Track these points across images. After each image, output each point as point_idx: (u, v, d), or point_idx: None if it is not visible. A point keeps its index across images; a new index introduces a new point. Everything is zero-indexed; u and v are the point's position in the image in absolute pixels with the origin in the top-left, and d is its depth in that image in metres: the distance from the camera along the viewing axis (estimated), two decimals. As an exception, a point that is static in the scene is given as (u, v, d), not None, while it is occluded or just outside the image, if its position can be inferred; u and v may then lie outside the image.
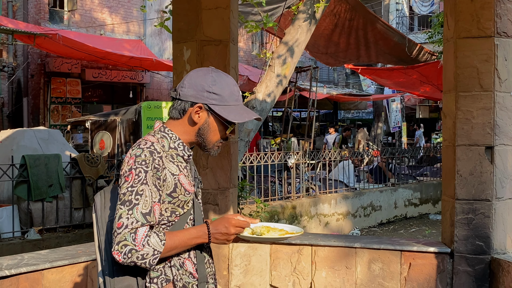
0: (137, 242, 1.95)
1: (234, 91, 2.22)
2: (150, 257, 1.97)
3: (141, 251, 1.95)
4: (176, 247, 2.07)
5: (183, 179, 2.15)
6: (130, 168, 2.05)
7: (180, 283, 2.15)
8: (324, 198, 10.26)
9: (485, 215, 4.12)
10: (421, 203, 12.78)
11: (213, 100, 2.16)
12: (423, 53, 12.74)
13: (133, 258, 1.95)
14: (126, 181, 2.03)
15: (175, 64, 4.70)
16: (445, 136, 4.41)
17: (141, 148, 2.08)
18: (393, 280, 4.33)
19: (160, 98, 19.94)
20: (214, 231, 2.13)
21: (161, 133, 2.20)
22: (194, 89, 2.17)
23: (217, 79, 2.19)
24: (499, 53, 4.10)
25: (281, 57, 7.19)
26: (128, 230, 1.96)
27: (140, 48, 18.07)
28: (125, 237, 1.95)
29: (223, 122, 2.20)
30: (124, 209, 1.99)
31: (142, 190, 2.01)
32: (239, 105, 2.23)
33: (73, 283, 3.73)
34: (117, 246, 1.96)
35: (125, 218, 1.97)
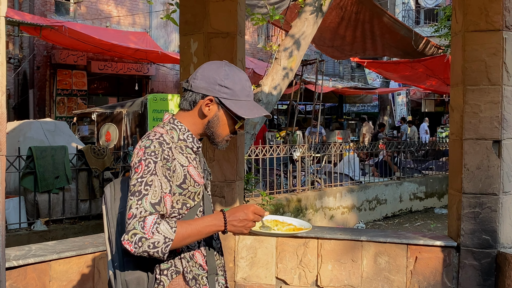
0: (146, 230, 1.93)
1: (246, 86, 2.22)
2: (162, 245, 1.94)
3: (151, 239, 1.93)
4: (189, 235, 2.03)
5: (192, 170, 2.15)
6: (139, 159, 2.05)
7: (190, 275, 2.15)
8: (330, 191, 10.26)
9: (492, 209, 4.12)
10: (426, 197, 12.76)
11: (225, 94, 2.16)
12: (429, 47, 12.70)
13: (144, 247, 1.93)
14: (136, 172, 2.03)
15: (182, 57, 4.69)
16: (453, 130, 4.40)
17: (150, 140, 2.08)
18: (399, 274, 4.33)
19: (166, 91, 19.94)
20: (231, 218, 2.11)
21: (171, 125, 2.20)
22: (206, 82, 2.17)
23: (230, 73, 2.18)
24: (508, 47, 4.08)
25: (288, 50, 7.18)
26: (137, 219, 1.95)
27: (146, 41, 18.05)
28: (134, 226, 1.94)
29: (232, 117, 2.20)
30: (134, 199, 1.98)
31: (151, 181, 2.00)
32: (250, 100, 2.22)
33: (80, 274, 3.75)
34: (127, 235, 1.94)
35: (135, 208, 1.97)
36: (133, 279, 2.10)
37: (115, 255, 2.15)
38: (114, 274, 2.15)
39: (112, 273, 2.15)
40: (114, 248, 2.16)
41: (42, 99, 17.78)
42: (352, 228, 7.10)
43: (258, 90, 7.16)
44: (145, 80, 20.06)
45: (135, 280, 2.11)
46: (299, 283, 4.50)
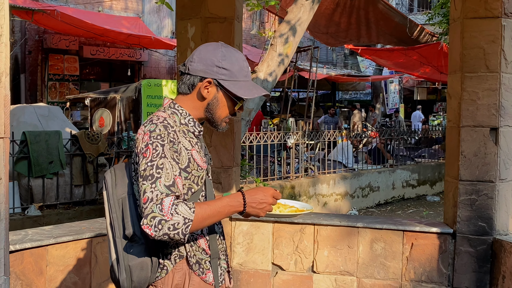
0: (164, 212, 1.90)
1: (244, 66, 2.20)
2: (182, 226, 1.92)
3: (170, 220, 1.90)
4: (209, 215, 2.01)
5: (195, 154, 2.14)
6: (146, 144, 2.02)
7: (193, 259, 2.15)
8: (323, 179, 10.28)
9: (488, 196, 4.13)
10: (418, 184, 12.82)
11: (223, 75, 2.15)
12: (423, 34, 12.70)
13: (165, 229, 1.90)
14: (145, 157, 2.00)
15: (178, 42, 4.66)
16: (450, 117, 4.41)
17: (155, 123, 2.06)
18: (395, 260, 4.35)
19: (158, 76, 19.86)
20: (250, 199, 2.10)
21: (171, 109, 2.19)
22: (204, 64, 2.16)
23: (227, 54, 2.17)
24: (506, 34, 4.08)
25: (283, 36, 7.15)
26: (153, 203, 1.92)
27: (138, 26, 17.95)
28: (152, 209, 1.91)
29: (232, 98, 2.19)
30: (147, 183, 1.96)
31: (162, 164, 1.98)
32: (248, 81, 2.21)
33: (77, 259, 3.74)
34: (145, 220, 1.91)
35: (149, 192, 1.94)
36: (136, 264, 2.10)
37: (117, 240, 2.14)
38: (117, 260, 2.14)
39: (115, 259, 2.14)
40: (117, 233, 2.15)
41: (33, 84, 17.66)
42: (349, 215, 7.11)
43: (254, 76, 7.13)
44: (138, 66, 19.96)
45: (138, 265, 2.10)
46: (295, 269, 4.51)
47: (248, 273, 4.58)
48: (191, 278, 2.15)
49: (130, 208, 2.15)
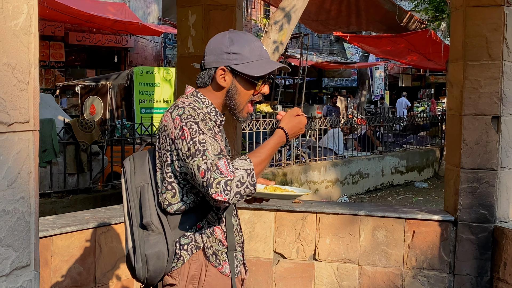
0: (225, 173, 1.91)
1: (255, 46, 2.19)
2: (247, 178, 1.93)
3: (235, 178, 1.91)
4: (263, 159, 2.05)
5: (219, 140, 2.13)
6: (180, 127, 2.02)
7: (210, 250, 2.14)
8: (314, 166, 10.30)
9: (490, 184, 4.17)
10: (407, 171, 12.89)
11: (234, 60, 2.14)
12: (412, 21, 12.73)
13: (234, 188, 1.90)
14: (183, 139, 2.00)
15: (179, 29, 4.62)
16: (451, 105, 4.42)
17: (182, 107, 2.07)
18: (397, 247, 4.38)
19: (145, 63, 19.71)
20: (289, 128, 2.16)
21: (194, 97, 2.18)
22: (214, 54, 2.17)
23: (234, 38, 2.17)
24: (509, 22, 4.09)
25: (278, 23, 7.12)
26: (211, 171, 1.92)
27: (125, 12, 17.75)
28: (213, 177, 1.91)
29: (249, 80, 2.17)
30: (197, 158, 1.95)
31: (203, 139, 1.98)
32: (262, 59, 2.19)
33: (82, 249, 3.71)
34: (212, 189, 1.90)
35: (203, 164, 1.93)
36: (153, 253, 2.09)
37: (135, 228, 2.13)
38: (133, 248, 2.13)
39: (132, 247, 2.14)
40: (134, 221, 2.14)
41: (18, 70, 17.41)
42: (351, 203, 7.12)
43: (248, 63, 7.09)
44: (124, 52, 19.77)
45: (155, 255, 2.09)
46: (297, 257, 4.52)
47: (250, 262, 4.58)
48: (207, 269, 2.14)
49: (149, 197, 2.14)
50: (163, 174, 2.11)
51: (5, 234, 1.53)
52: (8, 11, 1.52)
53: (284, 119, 2.18)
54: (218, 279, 2.15)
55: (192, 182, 2.03)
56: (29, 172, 1.61)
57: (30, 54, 1.60)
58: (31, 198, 1.64)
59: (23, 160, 1.58)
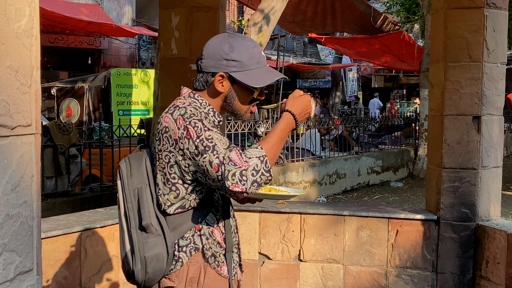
0: (238, 163, 1.90)
1: (254, 53, 2.17)
2: (261, 165, 1.92)
3: (249, 167, 1.90)
4: (274, 144, 2.02)
5: None
6: (184, 127, 2.00)
7: (209, 252, 2.14)
8: (292, 166, 10.34)
9: (471, 183, 4.23)
10: (382, 170, 13.01)
11: (233, 67, 2.12)
12: (387, 23, 12.87)
13: (250, 177, 1.89)
14: (189, 139, 1.99)
15: (161, 31, 4.60)
16: (432, 106, 4.48)
17: (183, 107, 2.06)
18: (380, 247, 4.42)
19: (119, 65, 19.55)
20: (297, 113, 2.12)
21: (191, 99, 2.17)
22: (213, 59, 2.14)
23: (234, 44, 2.14)
24: (488, 24, 4.17)
25: (257, 25, 7.14)
26: (224, 164, 1.91)
27: (98, 13, 17.61)
28: (228, 170, 1.90)
29: (248, 88, 2.17)
30: (208, 154, 1.94)
31: (209, 135, 1.97)
32: (262, 67, 2.18)
33: (67, 253, 3.68)
34: (228, 181, 1.90)
35: (215, 159, 1.93)
36: (152, 255, 2.08)
37: (133, 230, 2.12)
38: (131, 251, 2.11)
39: (130, 250, 2.12)
40: (132, 223, 2.13)
41: (-10, 73, 17.14)
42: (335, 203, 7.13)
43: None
44: (98, 54, 19.58)
45: (154, 257, 2.08)
46: (282, 258, 4.53)
47: (234, 263, 4.58)
48: (206, 271, 2.14)
49: (147, 198, 2.13)
50: (166, 176, 2.09)
51: (9, 239, 1.51)
52: (11, 14, 1.50)
53: (288, 102, 2.15)
54: (217, 281, 2.15)
55: (204, 179, 2.02)
56: (31, 175, 1.60)
57: (32, 56, 1.59)
58: (34, 202, 1.62)
59: (26, 164, 1.57)
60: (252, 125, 9.60)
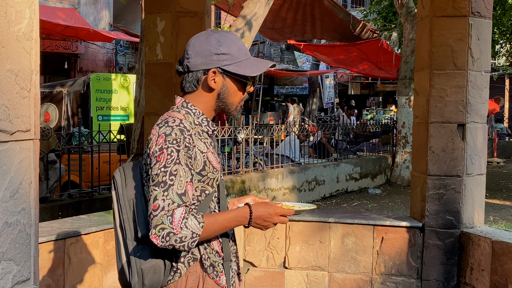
0: (174, 224, 1.88)
1: (241, 45, 2.15)
2: (189, 240, 1.90)
3: (179, 233, 1.88)
4: (215, 230, 2.00)
5: (211, 156, 2.08)
6: (160, 147, 1.96)
7: (207, 262, 2.09)
8: (272, 173, 10.32)
9: (456, 191, 4.26)
10: (361, 177, 13.07)
11: (225, 60, 2.09)
12: (365, 31, 12.96)
13: (171, 241, 1.88)
14: (158, 161, 1.94)
15: (147, 35, 4.55)
16: (417, 113, 4.51)
17: (171, 126, 1.99)
18: (366, 254, 4.42)
19: (96, 69, 19.38)
20: (256, 214, 2.06)
21: (185, 109, 2.11)
22: (202, 56, 2.09)
23: (220, 38, 2.11)
24: (473, 33, 4.21)
25: (239, 31, 7.13)
26: (164, 213, 1.89)
27: (75, 17, 17.46)
28: (162, 220, 1.88)
29: (240, 80, 2.13)
30: (159, 190, 1.91)
31: (176, 170, 1.93)
32: (250, 58, 2.15)
33: (50, 260, 3.60)
34: (154, 230, 1.89)
35: (161, 200, 1.90)
36: (149, 267, 2.03)
37: (129, 242, 2.07)
38: (128, 262, 2.07)
39: (126, 261, 2.07)
40: (128, 234, 2.08)
41: (-37, 76, 16.86)
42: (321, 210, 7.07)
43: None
44: (74, 58, 19.40)
45: (151, 268, 2.03)
46: (267, 265, 4.51)
47: (219, 271, 4.55)
48: (205, 281, 2.09)
49: (143, 209, 2.08)
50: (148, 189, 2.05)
51: (7, 247, 1.47)
52: (12, 16, 1.46)
53: (258, 204, 2.12)
54: None
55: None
56: (30, 182, 1.56)
57: (32, 60, 1.55)
58: (32, 209, 1.58)
59: (24, 170, 1.53)
60: (232, 131, 9.57)
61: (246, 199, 2.31)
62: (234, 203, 2.30)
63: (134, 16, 18.85)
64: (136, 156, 2.30)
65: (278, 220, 2.12)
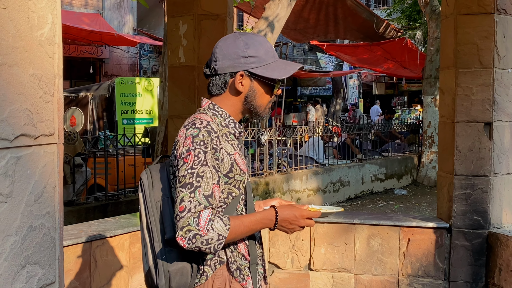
0: (200, 226, 1.88)
1: (268, 48, 2.13)
2: (215, 242, 1.89)
3: (205, 236, 1.87)
4: (242, 232, 1.99)
5: (238, 158, 2.07)
6: (188, 149, 1.95)
7: (234, 265, 2.08)
8: (296, 174, 10.29)
9: (483, 191, 4.20)
10: (386, 178, 12.97)
11: (252, 63, 2.07)
12: (389, 30, 12.86)
13: (198, 243, 1.88)
14: (185, 163, 1.94)
15: (169, 39, 4.57)
16: (443, 113, 4.45)
17: (198, 128, 1.98)
18: (392, 255, 4.38)
19: (120, 74, 19.56)
20: (282, 217, 2.05)
21: (212, 111, 2.11)
22: (229, 59, 2.07)
23: (248, 41, 2.09)
24: (499, 30, 4.14)
25: (262, 32, 7.12)
26: (191, 214, 1.88)
27: (99, 22, 17.68)
28: (189, 222, 1.88)
29: (267, 83, 2.11)
30: (186, 192, 1.91)
31: (202, 172, 1.93)
32: (277, 60, 2.14)
33: (77, 263, 3.63)
34: (181, 231, 1.88)
35: (188, 202, 1.90)
36: (176, 269, 2.03)
37: (156, 244, 2.06)
38: (155, 264, 2.07)
39: (153, 263, 2.07)
40: (155, 237, 2.08)
41: (-9, 82, 17.13)
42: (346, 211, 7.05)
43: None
44: (99, 63, 19.62)
45: (178, 271, 2.03)
46: (292, 267, 4.49)
47: (244, 273, 4.54)
48: (231, 284, 2.07)
49: (170, 211, 2.08)
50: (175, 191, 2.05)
51: (32, 251, 1.48)
52: (34, 21, 1.47)
53: (284, 206, 2.11)
54: None
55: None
56: (54, 186, 1.56)
57: (55, 64, 1.56)
58: (56, 213, 1.59)
59: (48, 174, 1.53)
60: (255, 133, 9.57)
61: (272, 201, 2.29)
62: (260, 206, 2.29)
63: (157, 20, 18.99)
64: (163, 158, 2.31)
65: (304, 223, 2.10)
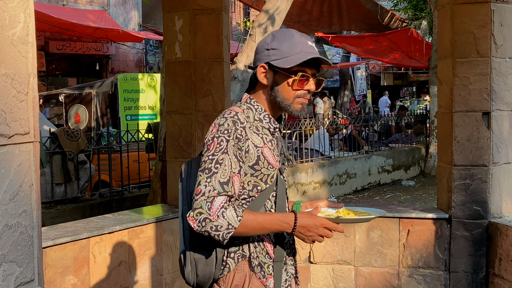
0: (212, 211, 1.91)
1: (296, 42, 2.10)
2: (224, 230, 1.91)
3: (215, 221, 1.90)
4: (254, 227, 1.98)
5: (267, 152, 2.08)
6: (212, 136, 2.03)
7: (256, 261, 2.08)
8: (301, 167, 10.29)
9: (482, 180, 4.17)
10: (393, 169, 12.93)
11: (273, 55, 2.11)
12: (394, 20, 12.79)
13: (207, 227, 1.91)
14: (208, 149, 2.01)
15: (165, 34, 4.57)
16: (441, 103, 4.43)
17: (225, 118, 2.05)
18: (392, 247, 4.37)
19: (127, 70, 19.60)
20: (301, 223, 2.02)
21: (247, 104, 2.15)
22: (258, 52, 2.18)
23: (276, 34, 2.16)
24: (495, 19, 4.11)
25: (262, 26, 7.11)
26: (204, 198, 1.93)
27: (105, 19, 17.69)
28: (201, 205, 1.92)
29: (286, 75, 2.10)
30: (203, 176, 1.97)
31: (222, 159, 1.97)
32: (301, 53, 2.07)
33: (76, 260, 3.66)
34: (192, 212, 1.93)
35: (203, 186, 1.95)
36: (201, 258, 2.08)
37: (186, 232, 2.14)
38: (183, 251, 2.13)
39: (183, 250, 2.14)
40: (186, 224, 2.13)
41: (-1, 81, 17.21)
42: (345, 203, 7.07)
43: (234, 67, 7.08)
44: (105, 60, 19.67)
45: (203, 260, 2.08)
46: (292, 260, 4.49)
47: (245, 266, 4.55)
48: (251, 280, 2.08)
49: None
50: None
51: (8, 249, 1.49)
52: (5, 20, 1.48)
53: (305, 213, 2.08)
54: None
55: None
56: (30, 184, 1.57)
57: (29, 63, 1.56)
58: (34, 211, 1.60)
59: (24, 173, 1.54)
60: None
61: (319, 202, 2.30)
62: (306, 207, 2.30)
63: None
64: None
65: (322, 232, 2.06)
